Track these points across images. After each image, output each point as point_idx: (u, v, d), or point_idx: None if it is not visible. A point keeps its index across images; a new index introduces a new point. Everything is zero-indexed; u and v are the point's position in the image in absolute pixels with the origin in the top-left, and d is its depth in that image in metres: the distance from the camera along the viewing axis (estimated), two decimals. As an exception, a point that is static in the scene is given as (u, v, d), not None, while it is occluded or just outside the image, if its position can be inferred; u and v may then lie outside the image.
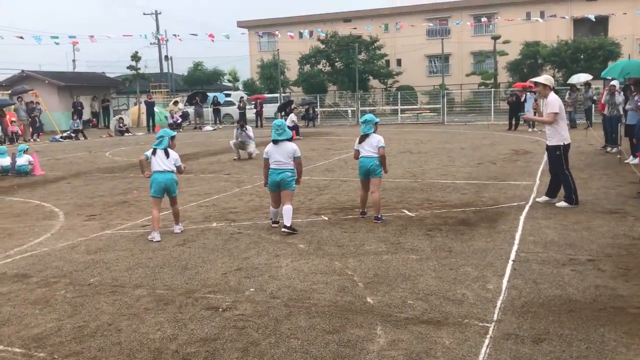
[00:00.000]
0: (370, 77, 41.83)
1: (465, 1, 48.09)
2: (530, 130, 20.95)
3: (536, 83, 8.24)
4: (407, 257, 5.75)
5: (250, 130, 15.53)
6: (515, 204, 8.20)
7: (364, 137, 7.45)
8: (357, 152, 7.48)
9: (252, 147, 15.41)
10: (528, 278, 5.02)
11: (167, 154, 6.88)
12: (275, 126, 7.10)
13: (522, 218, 7.30)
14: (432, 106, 32.54)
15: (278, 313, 4.41)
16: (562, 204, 7.91)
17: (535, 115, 13.52)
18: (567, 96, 21.33)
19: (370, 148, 7.36)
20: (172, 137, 7.03)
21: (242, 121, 16.21)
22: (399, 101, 32.47)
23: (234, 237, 6.83)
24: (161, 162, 6.85)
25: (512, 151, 14.80)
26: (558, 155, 7.97)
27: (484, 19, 39.30)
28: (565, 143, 7.92)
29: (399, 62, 46.58)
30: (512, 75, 38.49)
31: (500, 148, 15.70)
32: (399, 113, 31.97)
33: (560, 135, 7.91)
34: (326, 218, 7.64)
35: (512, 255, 5.70)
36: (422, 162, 13.19)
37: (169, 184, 6.90)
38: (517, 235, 6.46)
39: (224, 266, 5.67)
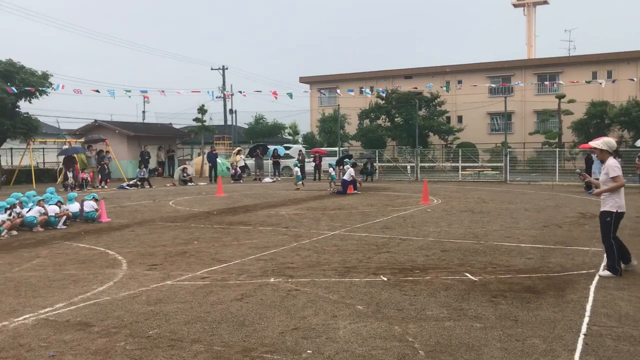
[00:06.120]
0: (430, 133, 41.74)
1: (528, 60, 47.90)
2: (588, 193, 20.15)
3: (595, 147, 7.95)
4: (470, 325, 5.52)
5: None
6: (584, 271, 7.81)
7: None
8: None
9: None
10: (602, 355, 4.70)
11: None
12: None
13: (592, 287, 6.93)
14: (494, 164, 32.03)
15: (336, 379, 4.27)
16: (606, 272, 7.56)
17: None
18: (637, 159, 20.55)
19: None
20: None
21: None
22: (459, 158, 32.15)
23: (291, 294, 6.77)
24: None
25: (579, 214, 14.26)
26: (608, 222, 7.60)
27: (547, 83, 38.84)
28: (619, 210, 7.55)
29: (460, 118, 46.42)
30: (578, 135, 37.57)
31: (566, 210, 15.16)
32: (460, 170, 31.59)
33: (614, 201, 7.56)
34: (385, 279, 7.48)
35: (584, 329, 5.38)
36: (485, 223, 12.86)
37: None
38: (588, 307, 6.11)
39: (281, 324, 5.60)
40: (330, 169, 25.90)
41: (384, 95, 39.54)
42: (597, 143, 7.87)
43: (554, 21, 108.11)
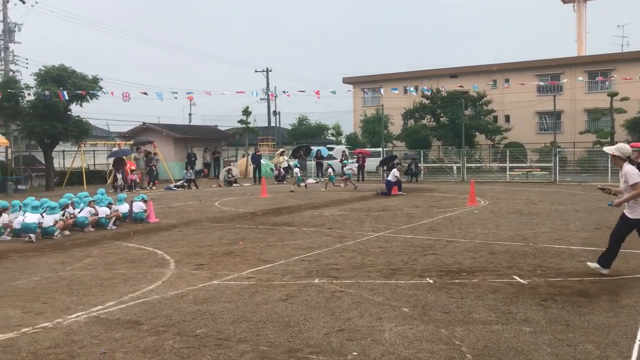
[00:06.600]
0: (477, 133, 41.06)
1: (579, 57, 46.57)
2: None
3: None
4: (519, 329, 5.39)
5: None
6: (639, 275, 7.53)
7: None
8: None
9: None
10: (660, 363, 4.52)
11: None
12: None
13: (648, 292, 6.67)
14: (542, 164, 31.27)
15: (381, 381, 4.24)
16: None
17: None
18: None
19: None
20: None
21: None
22: (507, 158, 31.49)
23: (335, 295, 6.75)
24: None
25: (633, 216, 13.75)
26: None
27: (599, 77, 37.56)
28: (635, 217, 7.30)
29: (507, 118, 45.50)
30: (631, 134, 36.30)
31: (619, 212, 14.61)
32: (507, 170, 30.95)
33: (625, 200, 7.32)
34: (431, 281, 7.39)
35: (639, 335, 5.19)
36: (534, 224, 12.55)
37: None
38: (644, 312, 5.88)
39: (326, 326, 5.59)
40: (330, 170, 26.27)
41: (428, 94, 39.09)
42: (611, 149, 7.62)
43: (606, 17, 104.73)
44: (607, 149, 7.73)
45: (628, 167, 7.38)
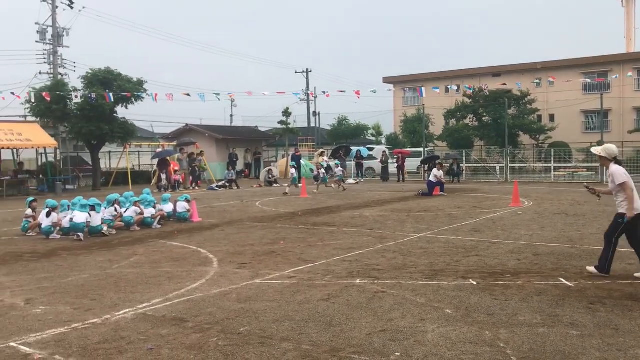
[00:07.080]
0: (520, 133, 40.28)
1: (627, 54, 45.19)
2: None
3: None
4: (566, 332, 5.27)
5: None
6: (693, 279, 7.27)
7: None
8: None
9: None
10: None
11: None
12: None
13: (703, 296, 6.43)
14: (589, 164, 30.46)
15: (425, 383, 4.21)
16: (591, 269, 7.58)
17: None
18: None
19: None
20: None
21: None
22: (552, 158, 30.79)
23: (377, 295, 6.74)
24: None
25: (686, 217, 13.26)
26: (619, 223, 7.38)
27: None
28: (636, 213, 7.26)
29: (551, 117, 44.50)
30: (683, 132, 35.02)
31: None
32: (552, 171, 30.26)
33: (630, 204, 7.26)
34: (474, 283, 7.29)
35: (694, 341, 5.00)
36: (580, 226, 12.25)
37: None
38: (699, 317, 5.67)
39: (368, 326, 5.59)
40: (322, 171, 24.69)
41: (470, 92, 38.47)
42: (597, 149, 7.75)
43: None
44: (594, 150, 7.91)
45: (614, 168, 7.51)
